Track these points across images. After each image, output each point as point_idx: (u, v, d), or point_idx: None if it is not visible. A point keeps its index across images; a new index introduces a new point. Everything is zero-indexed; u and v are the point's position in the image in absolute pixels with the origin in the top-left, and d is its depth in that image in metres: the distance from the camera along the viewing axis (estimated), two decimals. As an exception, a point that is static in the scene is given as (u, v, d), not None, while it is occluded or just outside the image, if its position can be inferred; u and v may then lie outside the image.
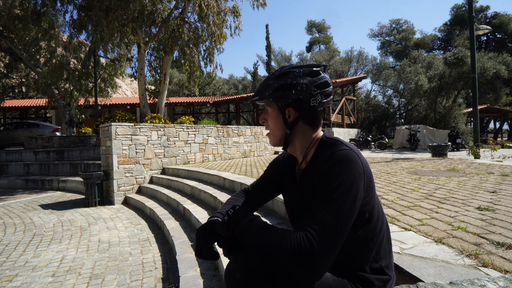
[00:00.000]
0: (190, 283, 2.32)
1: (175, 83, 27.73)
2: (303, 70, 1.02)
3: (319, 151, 0.99)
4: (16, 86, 23.39)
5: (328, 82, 1.04)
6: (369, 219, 0.95)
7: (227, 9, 10.51)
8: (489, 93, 20.51)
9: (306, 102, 1.00)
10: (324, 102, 1.02)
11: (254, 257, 0.90)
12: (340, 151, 0.90)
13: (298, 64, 1.06)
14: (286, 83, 1.00)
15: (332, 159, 0.89)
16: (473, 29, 8.19)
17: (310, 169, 1.00)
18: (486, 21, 28.16)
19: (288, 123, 1.02)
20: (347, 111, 19.33)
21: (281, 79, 1.01)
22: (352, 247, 0.95)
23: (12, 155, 10.53)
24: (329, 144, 0.98)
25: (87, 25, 9.37)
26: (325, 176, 0.88)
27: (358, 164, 0.89)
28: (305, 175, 1.02)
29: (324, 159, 0.92)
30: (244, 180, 4.30)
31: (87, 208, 5.88)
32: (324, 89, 1.01)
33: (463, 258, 1.46)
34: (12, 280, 2.76)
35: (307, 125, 1.03)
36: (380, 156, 9.05)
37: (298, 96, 0.99)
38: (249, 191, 1.27)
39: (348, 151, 0.90)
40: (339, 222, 0.81)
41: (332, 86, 1.06)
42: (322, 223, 0.81)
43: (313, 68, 1.03)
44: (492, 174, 4.28)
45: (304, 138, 1.03)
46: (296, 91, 0.99)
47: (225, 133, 9.00)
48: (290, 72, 1.01)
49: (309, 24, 36.40)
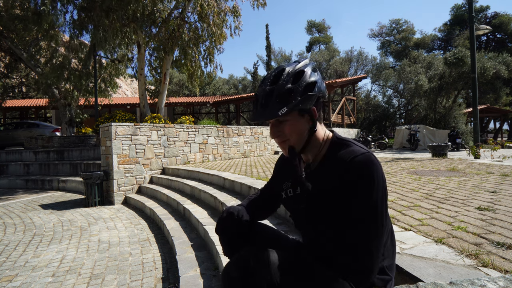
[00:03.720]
0: (190, 283, 2.32)
1: (175, 83, 27.74)
2: (312, 65, 0.98)
3: (332, 151, 0.97)
4: (16, 86, 23.38)
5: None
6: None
7: (227, 9, 10.52)
8: (489, 93, 20.51)
9: (320, 98, 0.97)
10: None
11: (252, 257, 0.89)
12: (360, 156, 0.88)
13: (293, 62, 1.00)
14: (309, 83, 0.93)
15: (355, 167, 0.86)
16: (473, 29, 8.19)
17: (322, 170, 0.98)
18: (486, 21, 28.16)
19: (312, 126, 0.97)
20: (347, 111, 19.32)
21: (302, 80, 0.93)
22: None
23: (12, 155, 10.53)
24: (342, 144, 0.96)
25: (87, 25, 9.38)
26: (350, 188, 0.86)
27: (379, 168, 0.88)
28: (316, 176, 1.00)
29: (343, 163, 0.89)
30: (244, 180, 4.30)
31: (87, 208, 5.88)
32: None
33: (463, 258, 1.46)
34: (12, 280, 2.76)
35: (320, 123, 1.00)
36: (380, 156, 9.05)
37: (318, 94, 0.95)
38: (263, 192, 1.26)
39: (367, 154, 0.88)
40: (377, 236, 0.86)
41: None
42: (357, 249, 0.85)
43: (312, 62, 1.01)
44: (492, 174, 4.28)
45: (318, 138, 1.00)
46: (318, 89, 0.95)
47: (225, 133, 9.00)
48: (302, 71, 0.95)
49: (309, 24, 36.38)
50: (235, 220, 1.06)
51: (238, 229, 1.06)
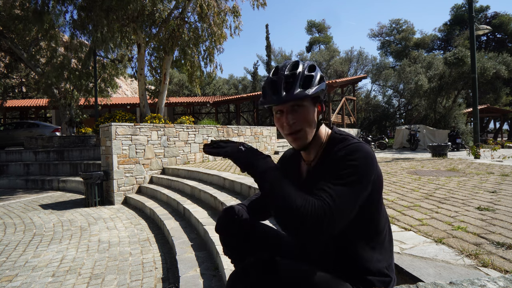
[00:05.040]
0: (190, 283, 2.32)
1: (175, 83, 27.73)
2: (314, 62, 1.02)
3: (331, 145, 0.98)
4: (16, 86, 23.38)
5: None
6: (374, 218, 0.94)
7: (227, 9, 10.51)
8: (489, 93, 20.50)
9: (325, 95, 1.01)
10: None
11: (256, 270, 0.89)
12: (355, 144, 0.90)
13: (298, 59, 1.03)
14: (322, 76, 0.98)
15: (346, 149, 0.89)
16: (473, 29, 8.19)
17: (321, 164, 0.99)
18: (486, 21, 28.14)
19: (319, 118, 1.00)
20: (347, 111, 19.32)
21: (316, 71, 0.97)
22: (354, 247, 0.94)
23: (12, 155, 10.54)
24: (341, 139, 0.97)
25: (87, 25, 9.37)
26: (337, 162, 0.88)
27: (371, 157, 0.89)
28: (315, 171, 1.01)
29: (338, 152, 0.90)
30: (244, 180, 4.30)
31: (87, 208, 5.88)
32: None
33: (463, 258, 1.46)
34: (12, 280, 2.76)
35: (323, 119, 1.03)
36: (380, 156, 9.05)
37: (325, 89, 0.99)
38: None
39: (363, 144, 0.90)
40: (347, 197, 0.82)
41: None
42: (333, 195, 0.80)
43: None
44: (492, 174, 4.28)
45: (321, 134, 1.02)
46: (325, 84, 0.99)
47: (225, 133, 9.00)
48: (314, 65, 0.99)
49: (309, 24, 36.38)
50: (235, 219, 1.06)
51: (238, 228, 1.06)
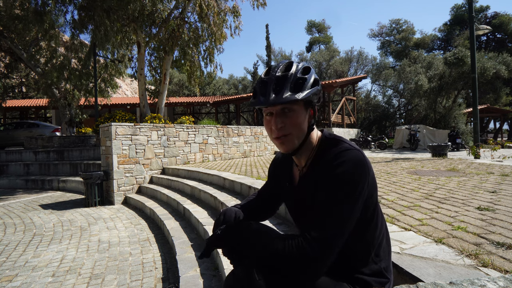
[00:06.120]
0: (190, 283, 2.32)
1: (175, 83, 27.74)
2: (309, 64, 1.00)
3: (322, 150, 0.96)
4: (16, 86, 23.38)
5: None
6: (370, 220, 0.94)
7: (227, 9, 10.52)
8: (489, 93, 20.49)
9: (319, 98, 0.98)
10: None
11: (254, 271, 0.88)
12: (345, 151, 0.88)
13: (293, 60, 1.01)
14: (316, 78, 0.94)
15: (337, 159, 0.86)
16: (473, 29, 8.18)
17: (312, 169, 0.97)
18: (486, 21, 28.15)
19: (311, 123, 0.97)
20: (347, 111, 19.32)
21: (310, 74, 0.93)
22: (351, 249, 0.93)
23: (12, 155, 10.54)
24: (331, 143, 0.95)
25: (87, 25, 9.38)
26: (329, 177, 0.86)
27: (362, 163, 0.87)
28: (307, 176, 0.99)
29: (328, 160, 0.89)
30: (244, 180, 4.30)
31: (87, 208, 5.88)
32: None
33: (463, 258, 1.46)
34: (12, 280, 2.76)
35: (314, 124, 1.01)
36: (380, 156, 9.05)
37: (319, 93, 0.96)
38: (260, 194, 1.24)
39: (353, 150, 0.88)
40: (339, 227, 0.82)
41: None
42: (323, 229, 0.81)
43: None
44: (492, 174, 4.28)
45: (312, 139, 1.00)
46: (320, 87, 0.96)
47: (225, 133, 9.00)
48: (309, 67, 0.95)
49: (309, 24, 36.39)
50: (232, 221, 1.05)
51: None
